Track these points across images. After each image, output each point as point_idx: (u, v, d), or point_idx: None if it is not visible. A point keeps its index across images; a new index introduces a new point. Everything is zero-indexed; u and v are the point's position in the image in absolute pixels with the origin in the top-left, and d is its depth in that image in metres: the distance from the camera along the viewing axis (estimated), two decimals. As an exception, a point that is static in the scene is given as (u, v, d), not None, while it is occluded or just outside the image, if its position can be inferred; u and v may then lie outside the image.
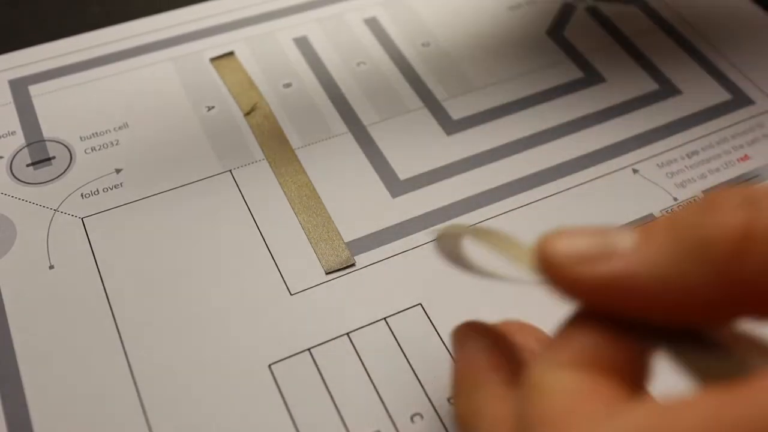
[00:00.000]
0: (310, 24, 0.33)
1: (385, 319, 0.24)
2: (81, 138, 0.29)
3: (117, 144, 0.29)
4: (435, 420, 0.22)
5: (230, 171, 0.28)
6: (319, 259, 0.25)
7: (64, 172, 0.28)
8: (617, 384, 0.14)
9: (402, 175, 0.28)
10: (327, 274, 0.25)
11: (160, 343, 0.23)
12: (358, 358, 0.23)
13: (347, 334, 0.23)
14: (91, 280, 0.24)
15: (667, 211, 0.27)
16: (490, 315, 0.24)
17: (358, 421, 0.22)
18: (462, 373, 0.18)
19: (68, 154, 0.28)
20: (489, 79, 0.31)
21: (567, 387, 0.14)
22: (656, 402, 0.13)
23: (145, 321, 0.24)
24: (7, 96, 0.30)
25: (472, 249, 0.20)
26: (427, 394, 0.22)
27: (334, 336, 0.23)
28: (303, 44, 0.33)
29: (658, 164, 0.28)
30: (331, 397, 0.22)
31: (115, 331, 0.23)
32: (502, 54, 0.33)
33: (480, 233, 0.19)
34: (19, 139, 0.29)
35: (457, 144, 0.29)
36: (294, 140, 0.29)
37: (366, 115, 0.30)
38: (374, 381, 0.22)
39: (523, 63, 0.32)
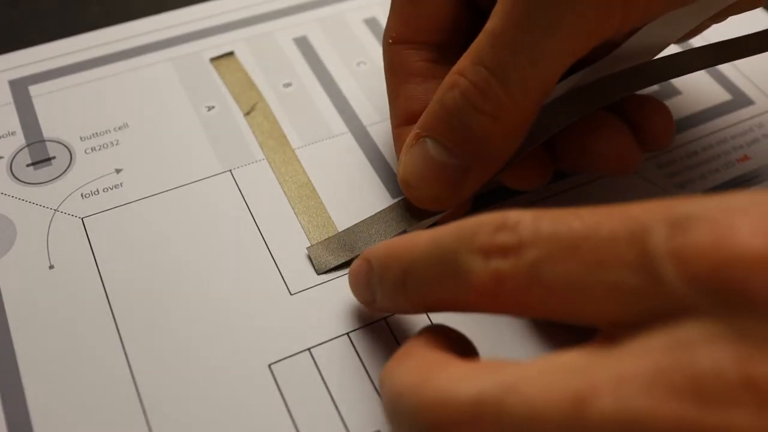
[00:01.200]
0: (310, 24, 0.33)
1: (385, 319, 0.24)
2: (81, 138, 0.29)
3: (117, 144, 0.29)
4: (435, 420, 0.22)
5: (230, 171, 0.28)
6: (319, 259, 0.25)
7: (64, 172, 0.28)
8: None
9: (402, 176, 0.28)
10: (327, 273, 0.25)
11: (160, 343, 0.23)
12: (358, 358, 0.23)
13: (347, 334, 0.23)
14: (91, 280, 0.24)
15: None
16: (491, 317, 0.24)
17: (358, 421, 0.22)
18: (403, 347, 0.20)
19: (68, 154, 0.28)
20: (489, 79, 0.31)
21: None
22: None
23: (145, 321, 0.24)
24: (7, 96, 0.30)
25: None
26: (427, 394, 0.22)
27: (334, 336, 0.23)
28: (303, 44, 0.33)
29: (657, 165, 0.29)
30: (331, 397, 0.22)
31: (115, 331, 0.23)
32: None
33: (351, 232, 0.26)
34: (19, 139, 0.29)
35: (457, 144, 0.29)
36: (294, 140, 0.29)
37: (366, 115, 0.30)
38: (374, 381, 0.22)
39: (523, 63, 0.32)
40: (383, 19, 0.34)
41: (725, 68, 0.32)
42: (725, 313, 0.14)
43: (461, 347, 0.20)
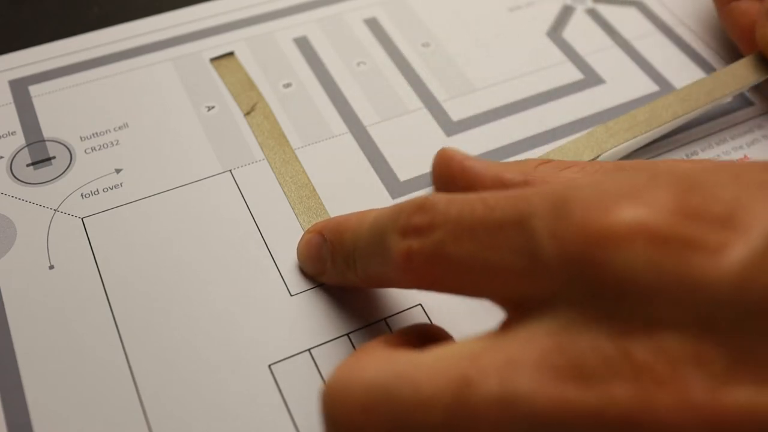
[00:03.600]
0: (310, 24, 0.33)
1: (385, 319, 0.24)
2: (81, 138, 0.29)
3: (117, 144, 0.29)
4: (435, 420, 0.22)
5: (230, 171, 0.28)
6: (319, 260, 0.25)
7: (64, 172, 0.28)
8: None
9: (402, 176, 0.28)
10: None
11: (160, 343, 0.23)
12: (358, 359, 0.23)
13: (347, 334, 0.23)
14: (91, 280, 0.24)
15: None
16: (489, 315, 0.24)
17: (358, 421, 0.22)
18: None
19: (68, 154, 0.28)
20: (489, 79, 0.32)
21: None
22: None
23: (145, 321, 0.24)
24: (7, 96, 0.30)
25: None
26: (427, 395, 0.22)
27: (334, 336, 0.23)
28: (303, 44, 0.33)
29: (657, 165, 0.29)
30: (331, 397, 0.22)
31: (115, 331, 0.23)
32: (502, 55, 0.33)
33: None
34: (19, 139, 0.29)
35: (457, 145, 0.29)
36: (294, 140, 0.29)
37: (366, 115, 0.30)
38: (374, 381, 0.22)
39: (523, 64, 0.32)
40: (383, 19, 0.34)
41: (725, 69, 0.32)
42: (593, 296, 0.15)
43: (425, 340, 0.20)
